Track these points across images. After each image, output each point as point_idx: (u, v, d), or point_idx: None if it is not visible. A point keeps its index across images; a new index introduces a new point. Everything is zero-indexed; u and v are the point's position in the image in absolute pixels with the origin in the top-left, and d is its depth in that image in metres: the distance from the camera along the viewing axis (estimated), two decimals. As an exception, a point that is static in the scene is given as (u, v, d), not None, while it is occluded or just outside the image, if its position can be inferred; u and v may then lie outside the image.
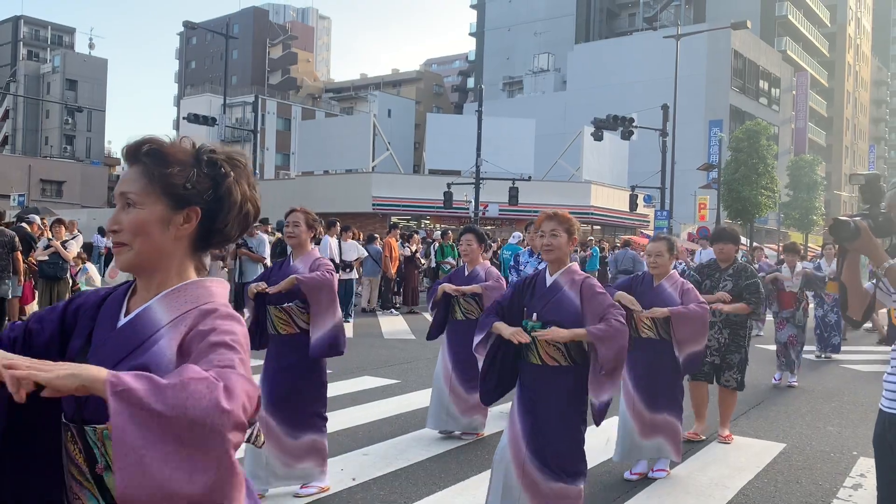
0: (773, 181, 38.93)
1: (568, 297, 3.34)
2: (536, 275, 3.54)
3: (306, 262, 4.17)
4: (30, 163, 56.94)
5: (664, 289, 4.76)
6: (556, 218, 3.42)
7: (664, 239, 4.88)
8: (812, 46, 66.50)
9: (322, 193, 35.57)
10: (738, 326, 5.63)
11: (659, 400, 4.68)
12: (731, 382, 5.67)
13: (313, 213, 4.33)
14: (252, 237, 10.97)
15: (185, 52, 74.01)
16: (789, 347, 8.32)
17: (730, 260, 5.71)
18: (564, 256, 3.43)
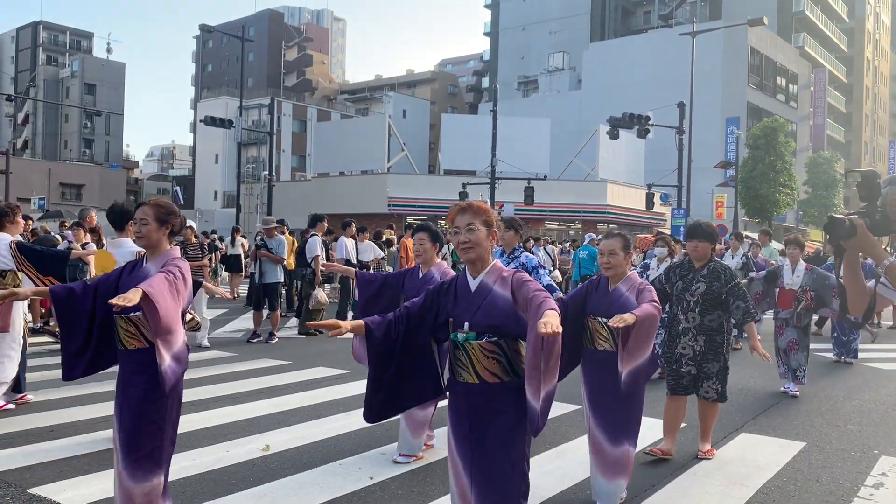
0: (792, 178, 38.62)
1: (500, 297, 2.84)
2: (456, 279, 3.02)
3: (161, 264, 3.47)
4: (50, 166, 57.60)
5: (621, 293, 4.17)
6: (471, 209, 2.94)
7: (618, 235, 4.30)
8: (830, 42, 65.83)
9: (338, 194, 35.72)
10: (714, 332, 5.05)
11: (618, 425, 4.08)
12: (711, 394, 5.09)
13: (169, 204, 3.64)
14: (271, 238, 11.04)
15: (202, 56, 74.50)
16: (789, 354, 7.59)
17: (705, 259, 5.15)
18: (487, 253, 2.93)
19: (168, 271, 3.34)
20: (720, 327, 5.07)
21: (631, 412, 4.12)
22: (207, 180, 60.59)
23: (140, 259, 3.62)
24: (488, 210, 2.96)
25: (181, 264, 3.46)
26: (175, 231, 3.62)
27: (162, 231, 3.52)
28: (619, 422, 4.07)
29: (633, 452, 4.16)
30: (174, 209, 3.62)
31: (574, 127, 45.73)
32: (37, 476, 4.48)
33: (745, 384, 8.17)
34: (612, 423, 4.08)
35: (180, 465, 4.76)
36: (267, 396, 6.89)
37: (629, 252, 4.23)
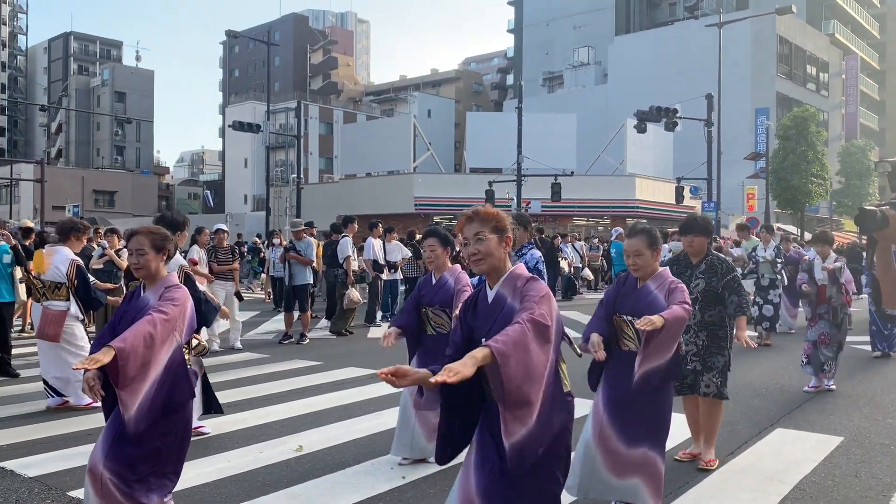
0: (824, 168, 37.95)
1: (514, 310, 2.64)
2: (479, 291, 2.86)
3: (158, 293, 3.39)
4: (83, 174, 58.64)
5: (649, 290, 3.96)
6: (478, 217, 2.74)
7: (642, 232, 4.00)
8: (861, 28, 64.58)
9: (364, 195, 35.86)
10: (716, 327, 4.87)
11: (638, 430, 3.80)
12: (711, 388, 4.83)
13: (160, 230, 3.55)
14: (300, 240, 11.14)
15: (229, 61, 75.29)
16: (819, 347, 7.49)
17: (701, 254, 4.93)
18: (501, 262, 2.75)
19: (157, 310, 3.23)
20: (721, 322, 4.87)
21: (654, 416, 3.85)
22: (237, 184, 61.25)
23: (138, 288, 3.52)
24: (498, 215, 2.77)
25: (176, 294, 3.35)
26: (171, 256, 3.54)
27: (159, 258, 3.43)
28: (638, 424, 3.81)
29: (657, 458, 3.81)
30: (167, 234, 3.54)
31: (600, 121, 45.41)
32: (76, 479, 4.55)
33: (780, 379, 8.06)
34: (630, 424, 3.81)
35: (215, 467, 4.83)
36: (299, 397, 6.95)
37: (657, 248, 3.98)
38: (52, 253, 6.63)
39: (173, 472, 3.37)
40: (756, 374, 8.42)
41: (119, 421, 3.18)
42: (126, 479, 3.16)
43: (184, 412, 3.36)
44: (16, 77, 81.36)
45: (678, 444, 5.26)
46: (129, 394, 3.09)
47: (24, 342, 10.22)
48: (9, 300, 8.25)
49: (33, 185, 44.69)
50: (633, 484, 3.77)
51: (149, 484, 3.22)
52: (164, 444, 3.26)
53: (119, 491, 3.15)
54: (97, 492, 3.15)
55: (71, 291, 6.42)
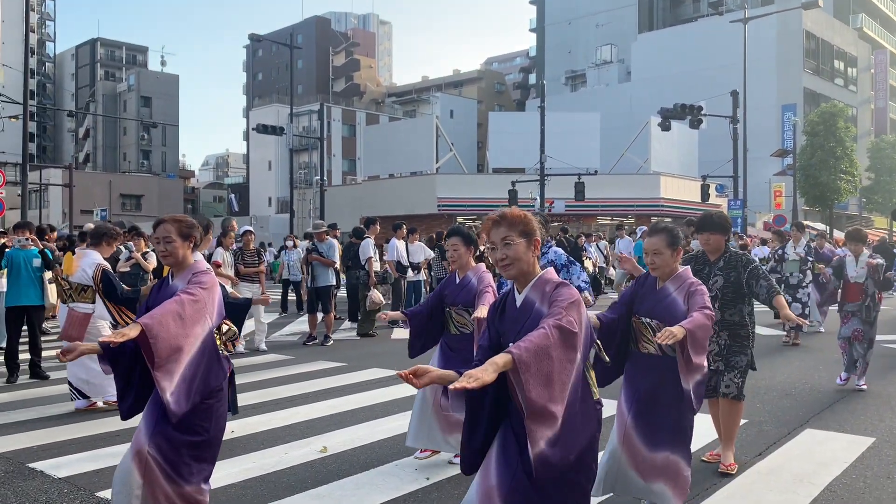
0: (853, 164, 37.40)
1: (542, 315, 2.60)
2: (507, 294, 2.81)
3: (186, 279, 3.41)
4: (110, 178, 59.50)
5: (668, 292, 3.83)
6: (505, 221, 2.68)
7: (663, 230, 3.88)
8: (891, 22, 63.49)
9: (388, 196, 35.97)
10: (737, 326, 4.74)
11: (659, 434, 3.73)
12: (732, 388, 4.72)
13: (187, 217, 3.55)
14: (322, 242, 11.18)
15: (252, 65, 75.93)
16: (854, 343, 7.49)
17: (719, 251, 4.81)
18: (529, 266, 2.70)
19: (184, 291, 3.25)
20: (742, 321, 4.75)
21: (677, 420, 3.75)
22: (261, 187, 61.76)
23: (166, 277, 3.53)
24: (526, 217, 2.70)
25: (204, 278, 3.36)
26: (198, 243, 3.53)
27: (186, 245, 3.44)
28: (661, 428, 3.73)
29: (681, 462, 3.71)
30: (194, 222, 3.53)
31: (624, 120, 45.11)
32: (105, 480, 4.61)
33: (809, 379, 7.94)
34: (652, 429, 3.74)
35: (241, 468, 4.86)
36: (323, 398, 6.98)
37: (677, 248, 3.85)
38: (81, 256, 6.77)
39: (212, 458, 3.40)
40: (785, 374, 8.30)
41: (159, 403, 3.18)
42: (170, 460, 3.20)
43: (220, 396, 3.38)
44: (44, 83, 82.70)
45: (705, 444, 5.20)
46: (164, 374, 3.09)
47: (56, 344, 10.38)
48: (38, 304, 8.37)
49: (62, 190, 45.46)
50: (659, 488, 3.72)
51: (190, 467, 3.26)
52: (203, 429, 3.29)
53: (162, 471, 3.19)
54: (141, 473, 3.17)
55: (99, 294, 6.47)
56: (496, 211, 2.74)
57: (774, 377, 8.06)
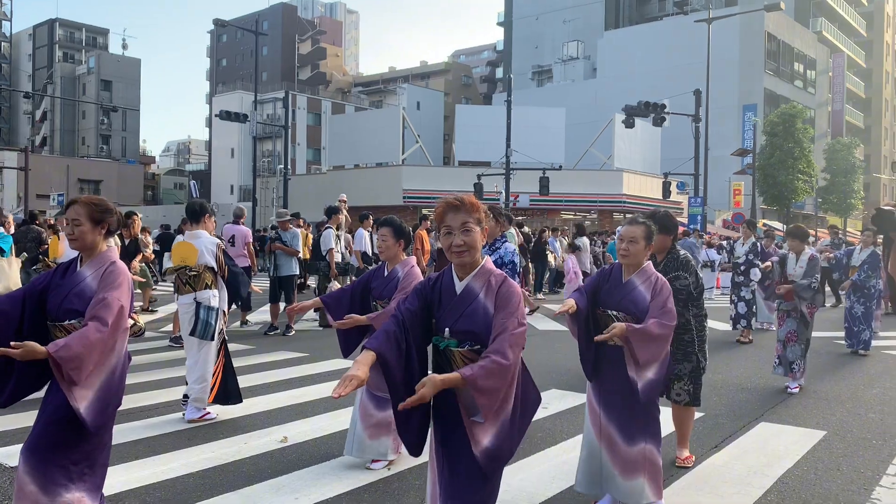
0: (810, 165, 38.26)
1: (483, 307, 2.59)
2: (441, 277, 2.74)
3: (97, 268, 3.14)
4: (68, 163, 58.13)
5: (634, 286, 3.84)
6: (464, 207, 2.63)
7: (643, 224, 3.91)
8: (848, 26, 65.00)
9: (353, 187, 35.72)
10: (680, 331, 4.43)
11: (634, 425, 3.78)
12: (683, 396, 4.65)
13: (103, 201, 3.32)
14: (286, 231, 11.08)
15: (216, 50, 74.77)
16: (787, 346, 7.26)
17: (664, 251, 4.65)
18: (479, 255, 2.68)
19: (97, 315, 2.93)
20: (686, 324, 4.53)
21: (647, 410, 3.81)
22: (224, 175, 60.94)
23: (74, 261, 3.23)
24: (480, 205, 2.67)
25: (116, 278, 3.08)
26: (112, 230, 3.29)
27: (97, 231, 3.20)
28: (634, 420, 3.79)
29: (655, 451, 3.79)
30: (109, 206, 3.29)
31: (589, 116, 45.51)
32: (59, 468, 4.53)
33: (764, 374, 8.11)
34: (625, 421, 3.79)
35: (200, 457, 4.81)
36: (285, 388, 6.93)
37: (651, 244, 3.89)
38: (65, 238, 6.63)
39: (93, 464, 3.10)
40: (740, 369, 8.48)
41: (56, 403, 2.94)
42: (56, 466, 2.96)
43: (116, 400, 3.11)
44: (0, 64, 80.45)
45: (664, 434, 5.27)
46: (82, 389, 2.88)
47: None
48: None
49: (17, 174, 44.33)
50: (639, 484, 3.76)
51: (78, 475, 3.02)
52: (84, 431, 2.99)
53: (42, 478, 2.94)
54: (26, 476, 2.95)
55: None
56: (453, 195, 2.68)
57: (730, 372, 8.22)
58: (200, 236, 5.98)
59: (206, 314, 5.73)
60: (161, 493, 4.18)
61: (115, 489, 4.20)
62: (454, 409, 2.56)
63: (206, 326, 5.69)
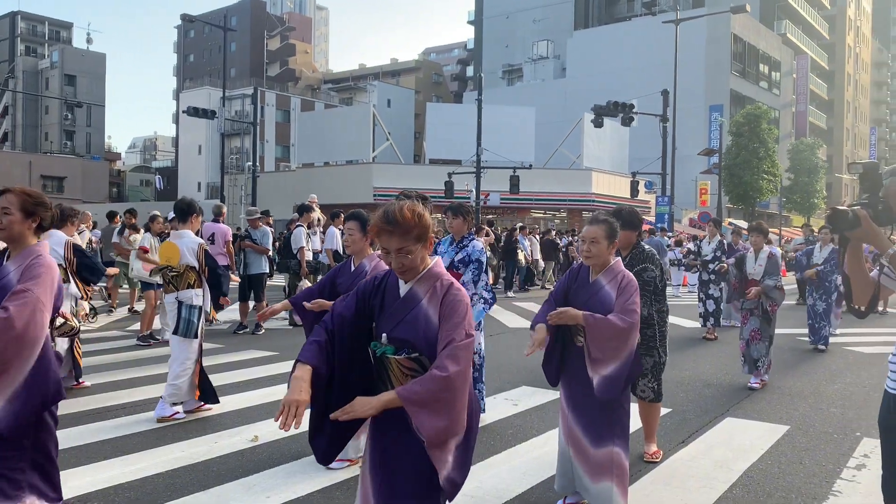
0: (774, 165, 38.94)
1: (426, 315, 2.40)
2: (387, 277, 2.56)
3: (21, 262, 2.98)
4: (30, 159, 57.05)
5: (601, 285, 3.82)
6: (399, 230, 2.39)
7: (604, 222, 3.85)
8: (812, 29, 66.23)
9: (323, 185, 35.58)
10: (643, 326, 4.42)
11: (601, 426, 3.77)
12: (647, 392, 4.75)
13: (39, 194, 3.18)
14: (256, 229, 11.01)
15: (184, 46, 73.81)
16: (751, 344, 7.27)
17: (629, 247, 4.69)
18: (422, 264, 2.47)
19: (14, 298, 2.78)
20: (649, 319, 4.57)
21: (614, 412, 3.79)
22: (191, 171, 60.20)
23: (1, 256, 3.11)
24: (420, 219, 2.40)
25: (39, 270, 2.91)
26: (45, 226, 3.15)
27: (27, 224, 3.06)
28: (601, 422, 3.76)
29: (623, 455, 3.77)
30: (44, 200, 3.15)
31: (559, 115, 45.80)
32: (24, 470, 4.46)
33: (729, 370, 8.25)
34: (592, 423, 3.78)
35: (169, 457, 4.77)
36: (254, 387, 6.89)
37: (614, 242, 3.85)
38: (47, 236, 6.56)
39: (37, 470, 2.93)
40: (707, 365, 8.62)
41: None
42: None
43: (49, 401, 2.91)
44: (-41, 57, 78.55)
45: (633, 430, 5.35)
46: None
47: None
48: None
49: (-23, 169, 43.30)
50: (607, 488, 3.74)
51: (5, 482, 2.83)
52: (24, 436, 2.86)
53: None
54: None
55: (69, 272, 6.36)
56: (385, 213, 2.41)
57: (697, 368, 8.36)
58: (184, 236, 6.05)
59: (189, 313, 5.82)
60: (130, 493, 4.14)
61: (83, 490, 4.15)
62: (396, 423, 2.37)
63: (188, 325, 5.78)
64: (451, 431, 2.30)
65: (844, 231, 2.43)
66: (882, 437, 2.67)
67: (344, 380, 2.44)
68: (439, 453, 2.31)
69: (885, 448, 2.67)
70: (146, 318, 9.58)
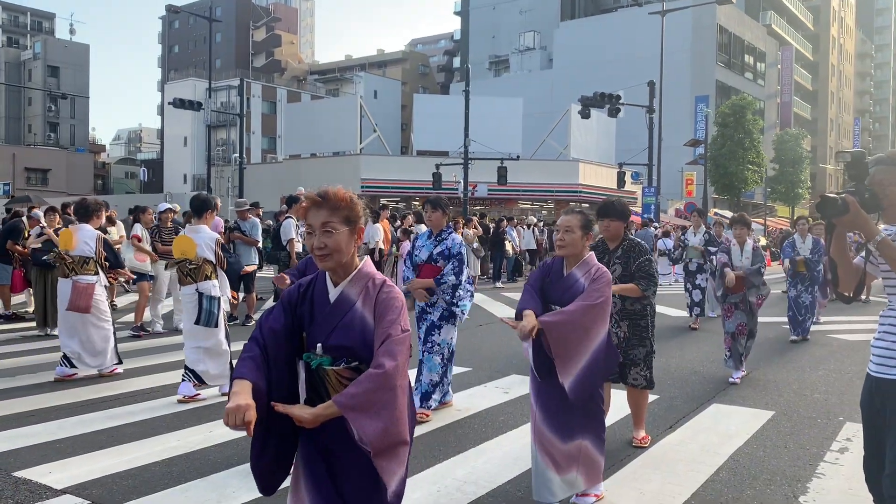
0: (759, 155, 39.20)
1: (360, 317, 2.27)
2: (314, 282, 2.39)
3: None
4: (14, 151, 56.46)
5: (575, 278, 3.77)
6: (328, 203, 2.27)
7: (579, 213, 3.88)
8: (796, 20, 66.56)
9: (310, 176, 35.49)
10: (637, 317, 4.75)
11: (569, 421, 3.71)
12: (640, 381, 4.82)
13: None
14: (245, 221, 11.02)
15: (168, 37, 73.18)
16: (737, 338, 7.17)
17: (618, 238, 4.74)
18: (350, 258, 2.32)
19: None
20: (643, 310, 4.75)
21: (586, 407, 3.74)
22: (177, 163, 59.85)
23: None
24: (351, 202, 2.29)
25: None
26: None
27: None
28: (570, 417, 3.70)
29: (591, 447, 3.76)
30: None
31: (546, 106, 45.86)
32: (21, 460, 4.50)
33: (716, 357, 8.37)
34: (562, 420, 3.71)
35: (165, 446, 4.82)
36: (247, 378, 6.93)
37: (589, 232, 3.84)
38: (77, 230, 7.02)
39: None
40: (693, 353, 8.75)
41: None
42: None
43: None
44: (-61, 48, 77.52)
45: (620, 418, 5.45)
46: None
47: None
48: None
49: (-40, 162, 42.87)
50: (573, 477, 3.74)
51: None
52: None
53: None
54: None
55: (98, 265, 6.92)
56: (319, 189, 2.31)
57: (684, 356, 8.48)
58: (200, 231, 6.34)
59: (209, 303, 6.10)
60: (128, 481, 4.19)
61: (80, 479, 4.19)
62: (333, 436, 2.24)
63: (209, 315, 6.09)
64: (394, 434, 2.13)
65: (833, 217, 2.48)
66: (864, 418, 2.77)
67: (281, 396, 2.25)
68: (386, 463, 2.15)
69: (866, 429, 2.76)
70: (140, 308, 9.61)
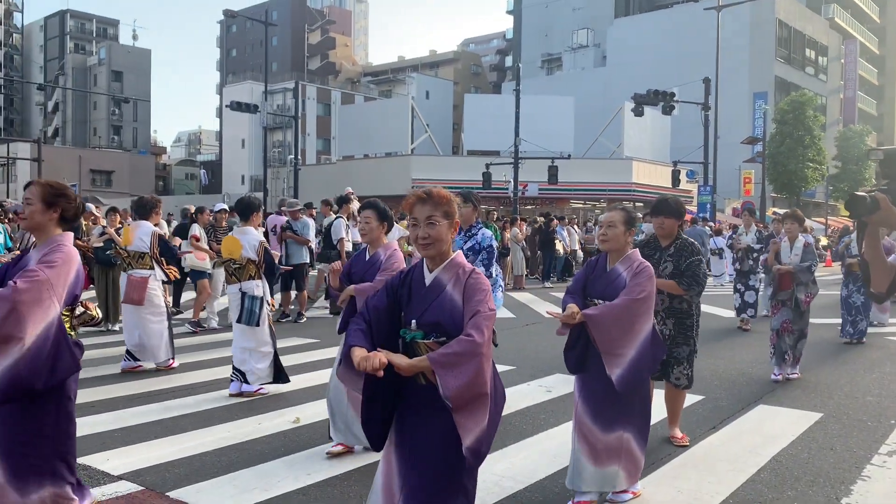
0: (821, 153, 38.14)
1: (450, 299, 2.59)
2: (412, 270, 2.75)
3: (42, 250, 3.11)
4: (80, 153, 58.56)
5: (618, 273, 3.87)
6: (431, 200, 2.64)
7: (622, 210, 4.00)
8: (861, 12, 64.44)
9: (362, 177, 35.98)
10: (683, 315, 4.77)
11: (611, 413, 3.78)
12: (682, 380, 4.83)
13: (61, 185, 3.26)
14: (297, 220, 11.28)
15: (226, 41, 74.94)
16: (782, 336, 7.05)
17: (671, 236, 4.77)
18: (447, 247, 2.68)
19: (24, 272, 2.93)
20: (689, 309, 4.77)
21: (629, 401, 3.79)
22: (234, 165, 61.24)
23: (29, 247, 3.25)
24: (450, 199, 2.68)
25: (55, 256, 3.02)
26: (68, 217, 3.21)
27: (49, 214, 3.14)
28: (613, 409, 3.77)
29: (633, 441, 3.81)
30: (66, 191, 3.22)
31: (599, 104, 45.42)
32: (82, 447, 4.68)
33: (765, 360, 8.24)
34: (604, 411, 3.79)
35: (216, 437, 5.02)
36: (297, 373, 7.12)
37: (632, 228, 3.92)
38: (136, 227, 7.48)
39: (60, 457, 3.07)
40: (742, 355, 8.62)
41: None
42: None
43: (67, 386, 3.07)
44: (12, 55, 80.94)
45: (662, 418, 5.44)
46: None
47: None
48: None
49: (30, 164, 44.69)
50: (612, 472, 3.77)
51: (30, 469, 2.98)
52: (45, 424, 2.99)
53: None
54: None
55: (154, 260, 7.30)
56: (423, 188, 2.70)
57: (733, 357, 8.37)
58: (247, 233, 6.56)
59: (251, 303, 6.26)
60: (180, 469, 4.39)
61: (135, 466, 4.41)
62: (423, 401, 2.56)
63: (250, 314, 6.24)
64: (473, 392, 2.43)
65: (863, 216, 2.43)
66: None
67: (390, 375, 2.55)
68: (464, 420, 2.46)
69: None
70: (198, 305, 9.99)
